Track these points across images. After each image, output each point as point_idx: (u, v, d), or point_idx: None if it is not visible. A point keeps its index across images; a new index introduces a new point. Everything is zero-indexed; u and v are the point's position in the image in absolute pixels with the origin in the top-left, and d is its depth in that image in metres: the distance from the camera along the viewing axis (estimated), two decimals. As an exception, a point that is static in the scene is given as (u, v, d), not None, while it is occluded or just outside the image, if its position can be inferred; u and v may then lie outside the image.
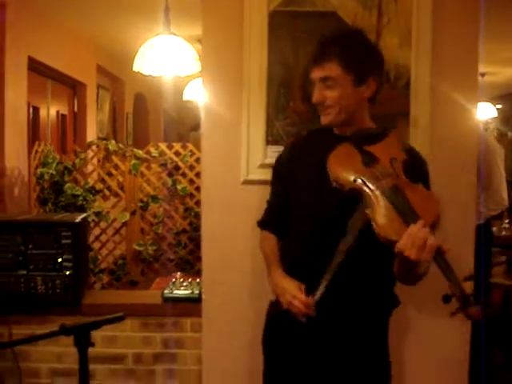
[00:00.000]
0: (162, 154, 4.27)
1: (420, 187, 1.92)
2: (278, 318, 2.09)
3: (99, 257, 4.27)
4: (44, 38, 4.84)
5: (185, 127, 9.57)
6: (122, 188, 4.31)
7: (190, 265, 4.30)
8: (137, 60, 3.68)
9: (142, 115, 7.97)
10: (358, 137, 2.00)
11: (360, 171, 1.90)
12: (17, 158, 4.36)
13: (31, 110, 4.81)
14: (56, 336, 1.94)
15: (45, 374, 2.78)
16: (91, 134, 5.94)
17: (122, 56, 6.30)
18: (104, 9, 4.70)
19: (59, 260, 2.63)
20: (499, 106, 7.59)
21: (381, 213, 1.80)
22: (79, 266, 2.68)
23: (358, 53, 1.97)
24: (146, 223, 4.38)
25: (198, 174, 4.29)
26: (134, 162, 4.23)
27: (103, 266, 4.29)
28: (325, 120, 2.01)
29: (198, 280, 2.83)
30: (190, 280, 2.84)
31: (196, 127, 8.93)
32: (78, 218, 2.73)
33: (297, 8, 2.53)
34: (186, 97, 5.85)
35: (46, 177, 4.08)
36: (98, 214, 4.19)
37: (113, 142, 4.34)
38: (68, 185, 4.14)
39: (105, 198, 4.35)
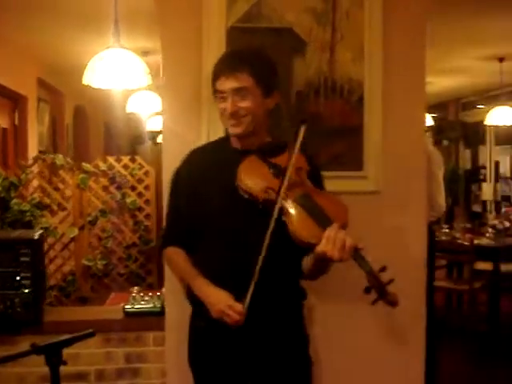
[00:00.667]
0: (110, 167, 4.24)
1: (326, 193, 2.10)
2: (202, 329, 2.16)
3: (47, 273, 4.20)
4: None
5: (125, 140, 9.49)
6: (69, 202, 4.26)
7: (141, 279, 4.29)
8: (86, 73, 3.65)
9: (81, 128, 7.87)
10: (262, 150, 2.09)
11: (271, 182, 2.00)
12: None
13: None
14: (27, 356, 1.92)
15: None
16: (32, 148, 5.84)
17: (63, 69, 6.25)
18: (47, 22, 4.65)
19: (18, 278, 2.59)
20: (434, 115, 7.86)
21: (297, 219, 1.93)
22: (38, 283, 2.65)
23: (265, 66, 2.08)
24: (94, 238, 4.34)
25: (146, 187, 4.29)
26: (81, 176, 4.19)
27: (52, 282, 4.22)
28: (236, 130, 2.07)
29: (158, 293, 2.84)
30: (150, 294, 2.84)
31: (137, 139, 8.90)
32: (36, 235, 2.70)
33: (254, 24, 2.60)
34: (129, 109, 5.82)
35: (-8, 193, 3.98)
36: (45, 229, 4.11)
37: (60, 156, 4.29)
38: (15, 201, 4.04)
39: (52, 213, 4.28)
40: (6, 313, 2.60)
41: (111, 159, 4.28)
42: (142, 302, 2.77)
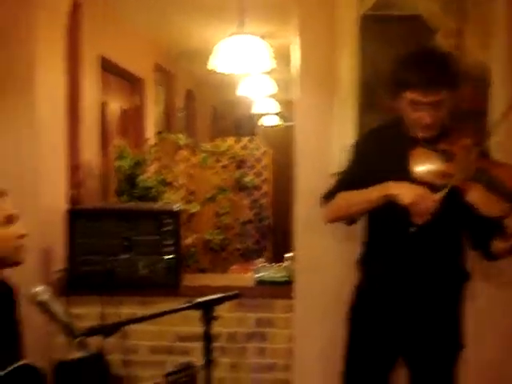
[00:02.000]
0: (229, 147, 4.48)
1: (500, 163, 2.16)
2: (366, 292, 2.34)
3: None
4: (112, 36, 5.06)
5: (231, 122, 9.79)
6: (190, 180, 4.53)
7: (256, 254, 4.51)
8: (212, 58, 3.88)
9: (191, 111, 8.20)
10: (428, 139, 2.17)
11: (443, 167, 2.08)
12: (90, 152, 4.59)
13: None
14: (187, 310, 2.15)
15: (144, 352, 3.01)
16: (150, 129, 6.17)
17: (177, 54, 6.55)
18: (168, 7, 4.90)
19: (161, 245, 2.85)
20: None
21: (481, 196, 2.01)
22: (178, 250, 2.90)
23: (456, 71, 2.15)
24: (213, 214, 4.60)
25: (264, 167, 4.50)
26: (203, 155, 4.45)
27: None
28: (427, 135, 2.16)
29: (284, 264, 3.03)
30: (278, 265, 3.04)
31: (244, 122, 9.17)
32: (176, 207, 2.95)
33: (385, 12, 2.73)
34: (240, 92, 6.04)
35: (122, 170, 4.30)
36: (168, 204, 4.41)
37: (182, 136, 4.56)
38: (141, 177, 4.36)
39: (174, 189, 4.56)
40: (149, 276, 2.87)
41: (231, 140, 4.51)
42: (271, 272, 2.97)
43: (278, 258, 3.17)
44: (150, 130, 6.13)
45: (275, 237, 4.52)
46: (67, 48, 3.48)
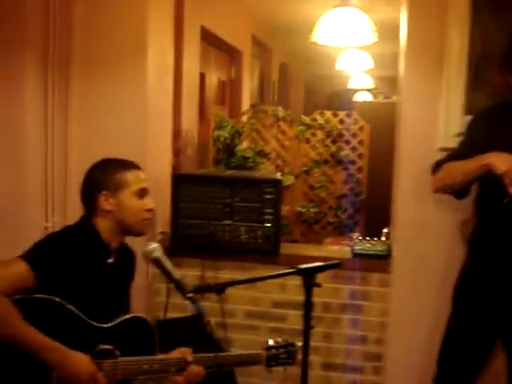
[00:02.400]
0: (327, 121, 4.48)
1: None
2: (472, 272, 2.34)
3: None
4: (212, 6, 5.13)
5: (323, 97, 9.77)
6: (287, 152, 4.57)
7: (349, 228, 4.52)
8: (316, 31, 3.88)
9: (284, 84, 8.22)
10: None
11: None
12: (190, 121, 4.70)
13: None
14: (290, 275, 2.21)
15: (240, 316, 3.10)
16: (245, 101, 6.24)
17: (273, 26, 6.57)
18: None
19: (262, 213, 2.91)
20: None
21: None
22: (278, 219, 2.95)
23: None
24: (307, 187, 4.63)
25: (360, 142, 4.48)
26: (300, 128, 4.47)
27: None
28: None
29: (382, 239, 3.03)
30: (375, 238, 3.04)
31: (337, 96, 9.13)
32: (278, 176, 3.00)
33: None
34: (338, 66, 6.02)
35: (221, 139, 4.38)
36: (264, 175, 4.47)
37: (280, 108, 4.60)
38: (239, 147, 4.43)
39: (271, 161, 4.62)
40: (249, 242, 2.94)
41: (328, 113, 4.51)
42: (369, 245, 2.97)
43: (371, 233, 3.16)
44: (246, 103, 6.21)
45: (369, 212, 4.50)
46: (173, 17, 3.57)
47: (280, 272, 2.22)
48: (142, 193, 2.10)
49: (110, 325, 2.00)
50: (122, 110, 3.04)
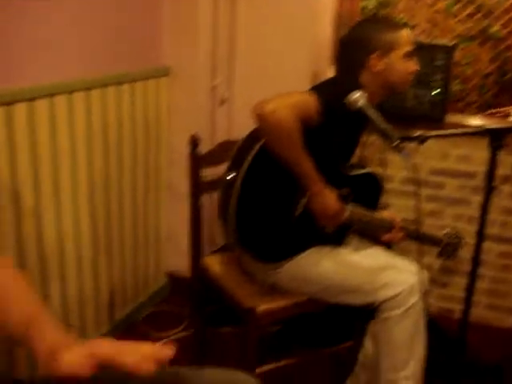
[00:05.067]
0: (479, -6, 4.28)
1: None
2: None
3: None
4: None
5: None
6: (433, 27, 4.43)
7: (490, 108, 4.41)
8: None
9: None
10: None
11: None
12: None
13: None
14: (476, 135, 2.23)
15: (397, 181, 3.17)
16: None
17: None
18: None
19: (431, 79, 2.89)
20: None
21: None
22: (447, 86, 2.93)
23: None
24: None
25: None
26: (449, 1, 4.31)
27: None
28: None
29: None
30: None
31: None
32: (451, 43, 2.95)
33: None
34: None
35: (366, 11, 4.29)
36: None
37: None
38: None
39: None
40: (416, 108, 2.95)
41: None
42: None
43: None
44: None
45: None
46: None
47: (468, 131, 2.26)
48: (411, 54, 2.12)
49: (351, 174, 2.15)
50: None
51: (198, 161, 2.31)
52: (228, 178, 2.05)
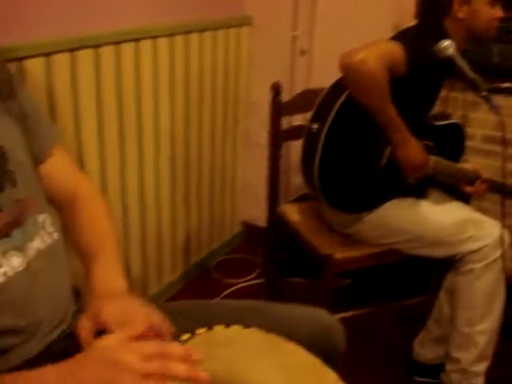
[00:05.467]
0: None
1: None
2: None
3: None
4: None
5: None
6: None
7: None
8: None
9: None
10: None
11: None
12: None
13: None
14: None
15: (478, 140, 3.09)
16: None
17: None
18: None
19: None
20: None
21: None
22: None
23: None
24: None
25: None
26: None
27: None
28: None
29: None
30: None
31: None
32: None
33: None
34: None
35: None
36: None
37: None
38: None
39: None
40: (500, 64, 2.84)
41: None
42: None
43: None
44: None
45: None
46: None
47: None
48: (495, 1, 2.06)
49: (437, 124, 2.13)
50: None
51: (279, 109, 2.32)
52: (313, 128, 2.05)
